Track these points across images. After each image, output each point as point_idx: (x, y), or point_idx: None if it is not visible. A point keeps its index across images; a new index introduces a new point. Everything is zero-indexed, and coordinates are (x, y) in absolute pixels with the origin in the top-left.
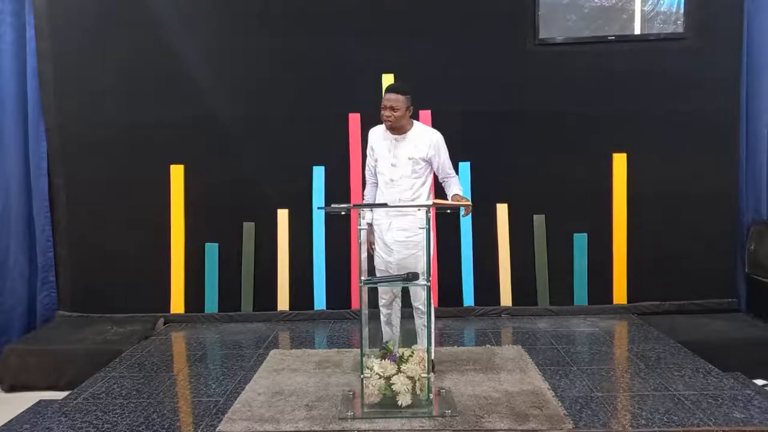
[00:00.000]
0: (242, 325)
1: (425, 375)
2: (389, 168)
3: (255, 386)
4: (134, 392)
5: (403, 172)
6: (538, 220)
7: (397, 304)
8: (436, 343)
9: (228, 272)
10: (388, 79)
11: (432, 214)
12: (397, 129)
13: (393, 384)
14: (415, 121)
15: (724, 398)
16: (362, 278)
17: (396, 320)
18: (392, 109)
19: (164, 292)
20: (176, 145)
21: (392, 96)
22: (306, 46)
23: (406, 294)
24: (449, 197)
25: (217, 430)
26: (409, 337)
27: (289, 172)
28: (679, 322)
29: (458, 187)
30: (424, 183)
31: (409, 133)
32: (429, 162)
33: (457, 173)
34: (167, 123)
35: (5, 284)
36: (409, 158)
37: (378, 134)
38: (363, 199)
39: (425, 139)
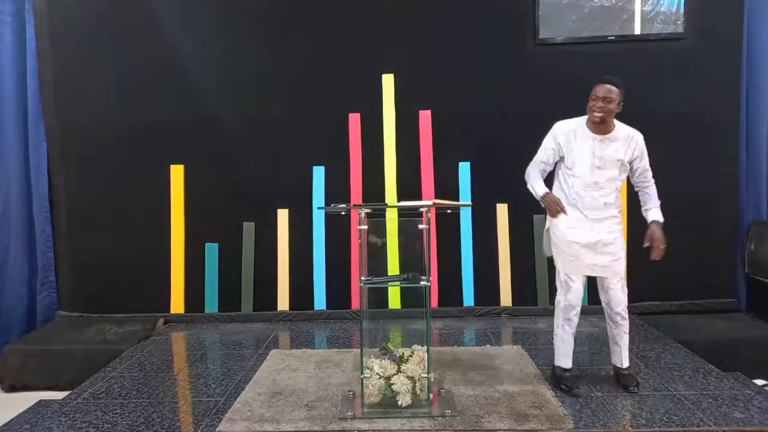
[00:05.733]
0: (242, 325)
1: (425, 375)
2: (593, 170)
3: (255, 386)
4: (134, 392)
5: (611, 175)
6: (538, 220)
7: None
8: (433, 342)
9: (228, 272)
10: (388, 79)
11: (432, 214)
12: (603, 127)
13: (393, 384)
14: (616, 121)
15: (724, 398)
16: (362, 278)
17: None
18: (605, 100)
19: (164, 292)
20: (176, 145)
21: (606, 87)
22: (306, 46)
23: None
24: (647, 217)
25: (217, 430)
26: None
27: (289, 172)
28: (679, 322)
29: (657, 210)
30: (618, 186)
31: (614, 133)
32: (631, 164)
33: (458, 174)
34: (167, 123)
35: (5, 284)
36: (618, 159)
37: (572, 131)
38: (526, 174)
39: (632, 141)
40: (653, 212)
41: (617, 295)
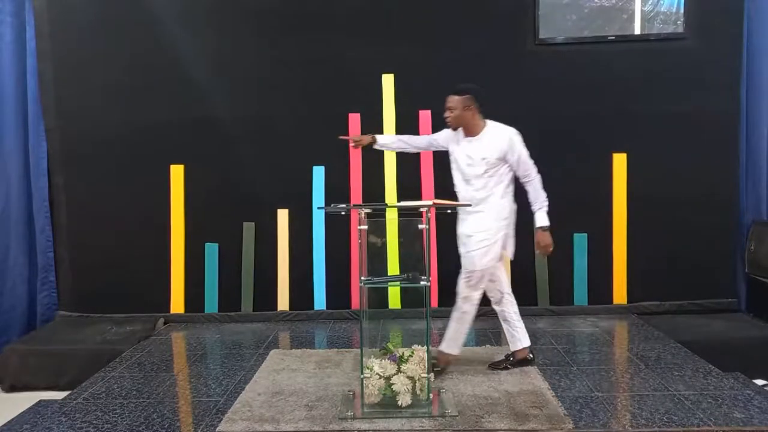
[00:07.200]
0: (242, 325)
1: (425, 375)
2: (466, 167)
3: (255, 386)
4: (134, 392)
5: (477, 172)
6: None
7: (509, 300)
8: (433, 342)
9: (228, 272)
10: (388, 79)
11: (432, 214)
12: (466, 130)
13: (393, 384)
14: (490, 122)
15: (724, 398)
16: (362, 278)
17: (511, 315)
18: (449, 109)
19: (164, 292)
20: (176, 145)
21: (449, 97)
22: (306, 46)
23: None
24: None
25: (217, 430)
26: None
27: (289, 172)
28: (679, 322)
29: (541, 213)
30: (499, 182)
31: (483, 134)
32: (504, 160)
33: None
34: (167, 123)
35: (5, 284)
36: (482, 158)
37: (458, 132)
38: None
39: (498, 138)
40: (538, 216)
41: (459, 283)
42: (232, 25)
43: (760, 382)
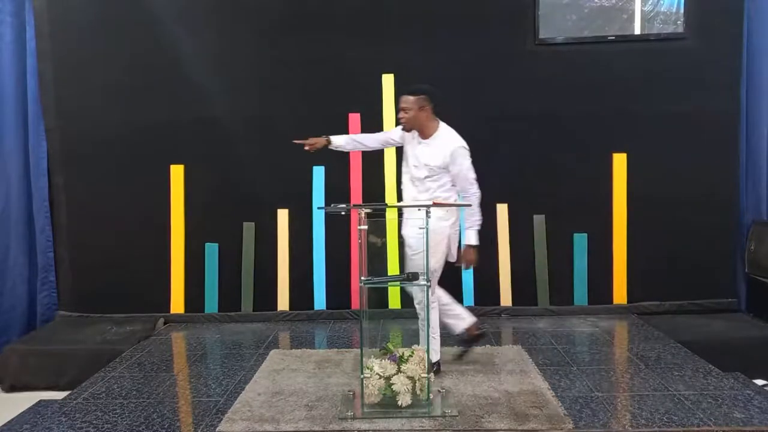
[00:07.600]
0: (242, 325)
1: (425, 375)
2: (413, 168)
3: (255, 386)
4: (134, 392)
5: (422, 175)
6: (538, 220)
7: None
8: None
9: (228, 272)
10: (388, 79)
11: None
12: (420, 132)
13: (393, 384)
14: (443, 125)
15: (724, 398)
16: (362, 278)
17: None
18: (403, 110)
19: (164, 292)
20: (176, 145)
21: (403, 98)
22: (306, 46)
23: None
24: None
25: (217, 430)
26: (413, 337)
27: (289, 172)
28: (679, 322)
29: (472, 231)
30: (442, 185)
31: (433, 138)
32: (446, 170)
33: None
34: (167, 123)
35: (5, 284)
36: (425, 164)
37: (413, 131)
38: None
39: (444, 147)
40: (468, 234)
41: (414, 289)
42: (232, 25)
43: (760, 382)
